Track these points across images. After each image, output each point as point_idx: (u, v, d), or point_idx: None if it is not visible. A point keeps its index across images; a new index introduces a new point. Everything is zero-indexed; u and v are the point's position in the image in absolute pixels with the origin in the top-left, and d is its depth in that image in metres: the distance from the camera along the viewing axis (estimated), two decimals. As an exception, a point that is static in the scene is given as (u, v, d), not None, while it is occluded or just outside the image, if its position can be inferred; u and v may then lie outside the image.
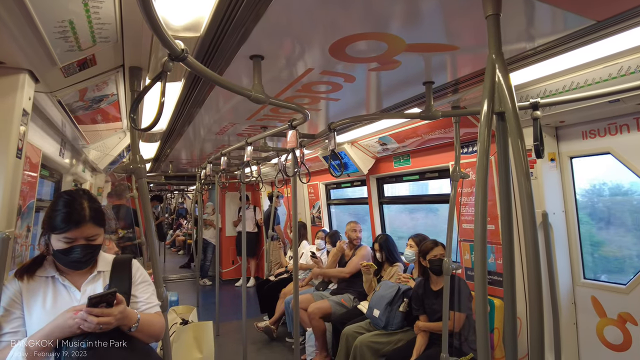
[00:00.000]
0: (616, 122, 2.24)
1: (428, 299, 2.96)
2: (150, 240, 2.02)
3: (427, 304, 2.96)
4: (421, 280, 3.08)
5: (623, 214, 2.59)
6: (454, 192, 2.59)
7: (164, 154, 4.87)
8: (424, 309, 2.99)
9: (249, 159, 3.21)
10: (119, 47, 1.56)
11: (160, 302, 1.68)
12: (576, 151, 2.49)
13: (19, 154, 1.45)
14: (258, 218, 7.71)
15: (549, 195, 2.51)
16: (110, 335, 1.30)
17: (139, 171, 1.88)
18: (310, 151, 4.74)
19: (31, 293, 1.38)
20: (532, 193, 1.00)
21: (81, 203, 1.39)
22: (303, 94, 2.30)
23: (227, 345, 4.61)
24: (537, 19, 1.45)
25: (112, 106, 2.38)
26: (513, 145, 1.02)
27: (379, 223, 4.65)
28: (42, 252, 1.46)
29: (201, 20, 1.43)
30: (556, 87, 2.09)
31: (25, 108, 1.45)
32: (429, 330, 2.93)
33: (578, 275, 2.54)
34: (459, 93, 2.29)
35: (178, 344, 2.90)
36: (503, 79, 1.05)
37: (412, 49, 1.66)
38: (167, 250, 12.20)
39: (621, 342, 2.29)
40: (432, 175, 3.79)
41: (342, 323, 3.62)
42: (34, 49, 1.29)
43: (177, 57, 1.11)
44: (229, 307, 6.18)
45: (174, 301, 4.18)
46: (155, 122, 1.12)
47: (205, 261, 7.92)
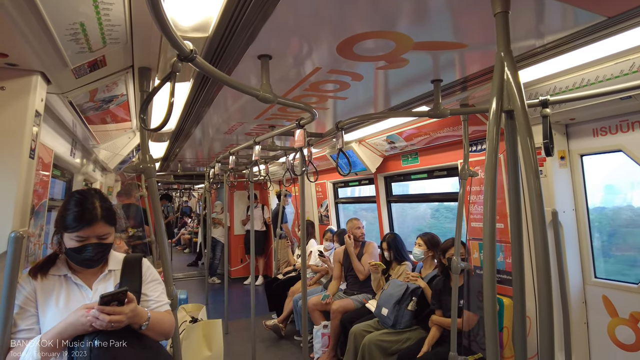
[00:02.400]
0: (628, 119, 2.21)
1: (445, 296, 2.97)
2: (160, 239, 2.04)
3: (445, 300, 2.97)
4: (440, 278, 3.09)
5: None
6: (462, 191, 2.58)
7: (172, 154, 4.91)
8: (440, 304, 3.02)
9: (257, 158, 3.22)
10: (129, 48, 1.58)
11: (170, 301, 1.70)
12: (587, 149, 2.46)
13: (32, 154, 1.47)
14: (266, 217, 7.74)
15: (559, 194, 2.49)
16: (121, 334, 1.31)
17: (148, 170, 1.90)
18: (318, 150, 4.74)
19: (45, 291, 1.41)
20: (542, 191, 1.00)
21: (93, 202, 1.42)
22: (311, 93, 2.31)
23: (236, 343, 4.65)
24: (546, 15, 1.44)
25: (121, 106, 2.41)
26: (522, 143, 1.02)
27: (387, 221, 4.64)
28: (55, 251, 1.49)
29: (209, 20, 1.44)
30: (566, 84, 2.06)
31: (37, 109, 1.47)
32: (443, 325, 2.95)
33: (589, 274, 2.51)
34: (468, 91, 2.27)
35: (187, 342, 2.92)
36: (512, 77, 1.04)
37: (420, 47, 1.65)
38: (173, 248, 12.28)
39: (633, 342, 2.26)
40: (441, 174, 3.77)
41: (351, 321, 3.62)
42: (46, 51, 1.31)
43: (186, 58, 1.12)
44: (237, 305, 6.21)
45: (184, 299, 4.21)
46: (165, 122, 1.13)
47: (214, 259, 7.97)
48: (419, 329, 3.25)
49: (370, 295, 4.01)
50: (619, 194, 2.71)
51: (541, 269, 0.99)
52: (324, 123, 3.27)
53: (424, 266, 3.46)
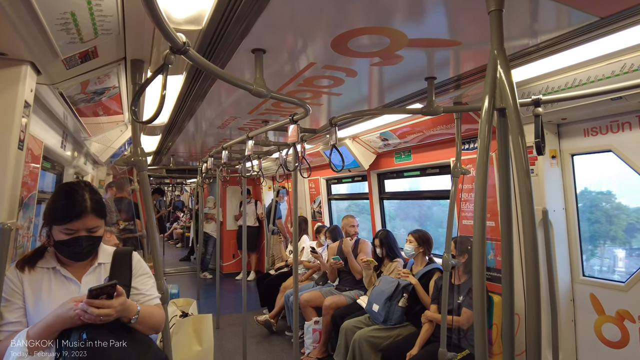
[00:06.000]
0: (618, 119, 2.23)
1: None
2: (152, 233, 2.03)
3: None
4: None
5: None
6: (454, 188, 2.59)
7: (165, 147, 4.87)
8: (438, 300, 3.01)
9: (250, 153, 3.21)
10: (121, 40, 1.56)
11: (161, 295, 1.69)
12: (578, 148, 2.48)
13: (21, 146, 1.45)
14: (259, 212, 7.73)
15: (549, 193, 2.51)
16: (110, 327, 1.30)
17: (140, 164, 1.88)
18: (312, 146, 4.73)
19: (32, 284, 1.39)
20: (532, 190, 1.00)
21: (82, 195, 1.40)
22: (305, 88, 2.30)
23: (227, 338, 4.65)
24: (540, 14, 1.44)
25: (113, 99, 2.38)
26: (514, 141, 1.02)
27: (379, 218, 4.66)
28: (44, 244, 1.47)
29: (203, 13, 1.42)
30: (558, 84, 2.08)
31: (27, 100, 1.45)
32: (435, 320, 2.95)
33: (577, 273, 2.54)
34: (461, 89, 2.28)
35: (178, 337, 2.92)
36: (505, 75, 1.05)
37: (414, 44, 1.65)
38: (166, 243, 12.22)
39: (619, 340, 2.30)
40: (433, 171, 3.79)
41: (342, 317, 3.64)
42: (36, 40, 1.29)
43: (179, 50, 1.11)
44: (229, 300, 6.21)
45: (175, 294, 4.21)
46: (157, 114, 1.12)
47: (206, 254, 7.95)
48: (409, 325, 3.28)
49: (362, 291, 4.03)
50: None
51: (530, 267, 1.00)
52: (318, 119, 3.27)
53: (415, 263, 3.48)
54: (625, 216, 2.68)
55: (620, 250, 2.67)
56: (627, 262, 2.63)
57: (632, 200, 2.62)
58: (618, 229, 2.69)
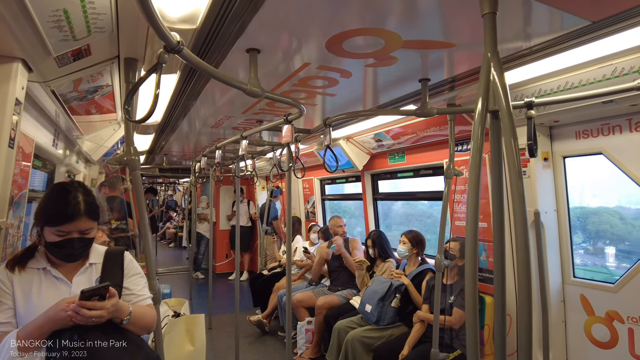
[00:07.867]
0: (609, 122, 2.26)
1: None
2: (144, 233, 2.01)
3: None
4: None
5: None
6: (447, 190, 2.60)
7: (158, 147, 4.84)
8: (430, 300, 3.02)
9: (243, 153, 3.20)
10: (115, 38, 1.55)
11: (153, 295, 1.68)
12: (569, 151, 2.51)
13: (12, 144, 1.43)
14: (252, 212, 7.70)
15: (541, 194, 2.54)
16: (102, 328, 1.29)
17: (132, 163, 1.87)
18: (306, 146, 4.73)
19: (22, 284, 1.37)
20: (524, 192, 1.01)
21: (76, 196, 1.37)
22: (299, 88, 2.30)
23: (219, 338, 4.63)
24: (533, 18, 1.46)
25: (106, 97, 2.36)
26: (506, 143, 1.03)
27: (373, 219, 4.67)
28: (34, 243, 1.45)
29: (197, 12, 1.42)
30: (551, 86, 2.10)
31: (18, 97, 1.44)
32: (427, 320, 2.96)
33: (568, 274, 2.57)
34: (455, 91, 2.29)
35: (170, 337, 2.90)
36: (498, 78, 1.06)
37: (409, 45, 1.66)
38: (158, 243, 12.14)
39: (608, 340, 2.33)
40: (427, 172, 3.80)
41: (335, 317, 3.64)
42: (28, 38, 1.28)
43: (173, 49, 1.11)
44: (222, 300, 6.18)
45: (167, 294, 4.18)
46: (150, 113, 1.11)
47: (199, 254, 7.92)
48: (402, 326, 3.29)
49: (355, 291, 4.04)
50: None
51: (522, 268, 1.01)
52: (313, 119, 3.27)
53: (408, 263, 3.49)
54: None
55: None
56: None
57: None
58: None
